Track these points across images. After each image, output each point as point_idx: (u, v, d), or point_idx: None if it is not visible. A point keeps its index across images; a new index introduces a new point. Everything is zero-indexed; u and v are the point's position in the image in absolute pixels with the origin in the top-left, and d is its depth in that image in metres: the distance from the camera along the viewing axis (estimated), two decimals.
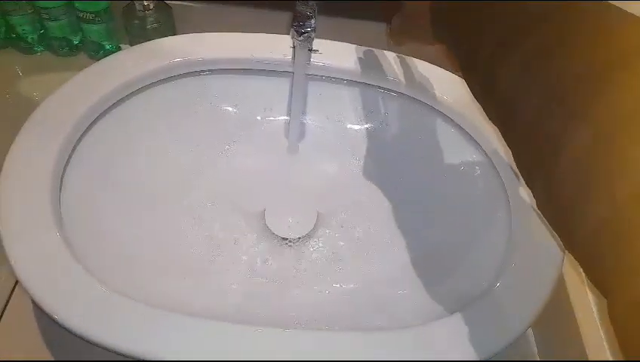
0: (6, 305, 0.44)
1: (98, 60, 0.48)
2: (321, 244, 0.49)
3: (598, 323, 0.43)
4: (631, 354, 0.21)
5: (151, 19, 0.56)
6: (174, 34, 0.59)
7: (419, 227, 0.49)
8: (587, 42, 0.24)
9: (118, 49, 0.61)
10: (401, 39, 0.42)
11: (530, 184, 0.27)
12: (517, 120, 0.26)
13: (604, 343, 0.42)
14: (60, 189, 0.40)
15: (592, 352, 0.41)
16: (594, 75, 0.23)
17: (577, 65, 0.24)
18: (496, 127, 0.30)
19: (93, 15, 0.56)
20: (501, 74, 0.27)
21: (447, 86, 0.50)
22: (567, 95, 0.24)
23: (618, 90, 0.22)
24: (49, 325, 0.43)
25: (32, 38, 0.60)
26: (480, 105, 0.31)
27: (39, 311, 0.42)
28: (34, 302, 0.34)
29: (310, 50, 0.49)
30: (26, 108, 0.44)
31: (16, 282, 0.46)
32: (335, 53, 0.51)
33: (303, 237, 0.49)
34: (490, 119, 0.30)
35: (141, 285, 0.40)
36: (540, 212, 0.27)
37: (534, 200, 0.27)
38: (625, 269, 0.21)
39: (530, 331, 0.49)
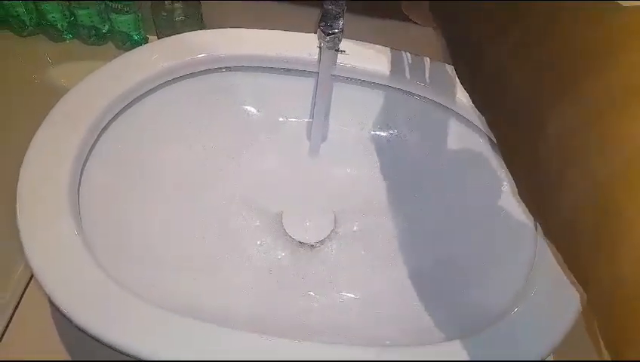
0: (21, 298, 0.45)
1: (125, 50, 0.48)
2: (336, 250, 0.48)
3: None
4: (614, 342, 0.20)
5: (179, 11, 0.55)
6: (202, 27, 0.58)
7: (438, 238, 0.48)
8: (578, 25, 0.24)
9: (146, 40, 0.61)
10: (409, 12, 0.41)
11: (511, 170, 0.27)
12: (503, 104, 0.26)
13: None
14: (79, 184, 0.40)
15: None
16: (583, 57, 0.23)
17: (568, 47, 0.24)
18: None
19: (122, 5, 0.56)
20: (490, 57, 0.27)
21: None
22: (554, 76, 0.24)
23: (605, 72, 0.22)
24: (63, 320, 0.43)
25: (62, 25, 0.60)
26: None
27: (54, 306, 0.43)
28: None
29: (337, 50, 0.48)
30: (54, 94, 0.44)
31: (32, 276, 0.47)
32: (362, 55, 0.49)
33: (320, 241, 0.48)
34: (475, 106, 0.30)
35: (155, 282, 0.40)
36: (519, 198, 0.26)
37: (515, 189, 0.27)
38: (605, 252, 0.20)
39: None
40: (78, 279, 0.35)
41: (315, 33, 0.47)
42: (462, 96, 0.48)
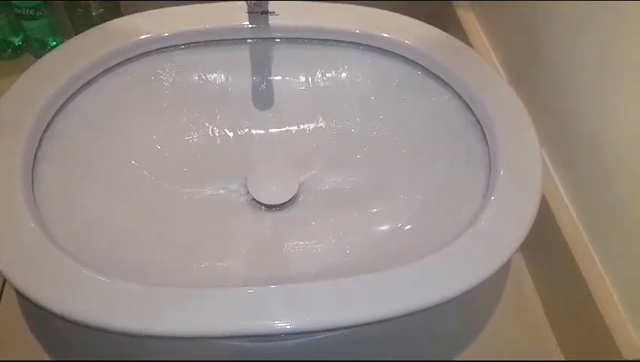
0: None
1: None
2: (304, 205, 0.49)
3: (586, 238, 0.44)
4: None
5: (95, 5, 0.53)
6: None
7: (400, 171, 0.49)
8: None
9: None
10: None
11: None
12: None
13: (593, 254, 0.44)
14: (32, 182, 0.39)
15: (583, 265, 0.43)
16: None
17: None
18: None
19: (33, 10, 0.54)
20: None
21: (410, 31, 0.50)
22: None
23: None
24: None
25: None
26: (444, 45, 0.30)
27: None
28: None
29: (266, 12, 0.49)
30: None
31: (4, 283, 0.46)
32: (291, 13, 0.50)
33: (287, 202, 0.49)
34: None
35: (119, 259, 0.40)
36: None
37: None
38: None
39: (522, 259, 0.51)
40: (46, 269, 0.33)
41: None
42: (397, 37, 0.49)
